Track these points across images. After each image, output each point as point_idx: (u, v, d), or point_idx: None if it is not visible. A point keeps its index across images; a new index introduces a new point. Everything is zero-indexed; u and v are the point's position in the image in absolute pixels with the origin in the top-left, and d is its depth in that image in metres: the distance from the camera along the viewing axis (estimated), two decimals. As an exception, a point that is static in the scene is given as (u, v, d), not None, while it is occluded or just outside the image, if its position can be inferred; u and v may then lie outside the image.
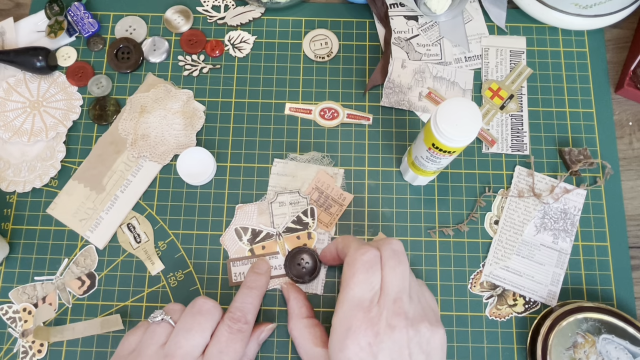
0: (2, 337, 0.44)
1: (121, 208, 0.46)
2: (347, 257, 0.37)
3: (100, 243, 0.46)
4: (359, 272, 0.36)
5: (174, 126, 0.48)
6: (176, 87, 0.50)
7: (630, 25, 0.53)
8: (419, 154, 0.41)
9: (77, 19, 0.51)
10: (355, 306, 0.35)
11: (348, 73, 0.51)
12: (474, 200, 0.48)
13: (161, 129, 0.48)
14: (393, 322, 0.34)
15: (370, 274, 0.36)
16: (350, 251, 0.37)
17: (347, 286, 0.36)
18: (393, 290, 0.35)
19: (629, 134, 0.50)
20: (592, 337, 0.42)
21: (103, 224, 0.46)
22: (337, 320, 0.35)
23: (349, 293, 0.35)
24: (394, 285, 0.35)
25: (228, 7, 0.53)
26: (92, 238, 0.46)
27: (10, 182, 0.47)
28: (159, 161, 0.48)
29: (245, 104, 0.50)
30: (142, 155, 0.48)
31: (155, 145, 0.48)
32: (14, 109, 0.49)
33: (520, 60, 0.51)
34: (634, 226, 0.47)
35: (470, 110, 0.36)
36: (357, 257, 0.36)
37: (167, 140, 0.48)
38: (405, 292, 0.36)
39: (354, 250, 0.37)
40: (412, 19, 0.52)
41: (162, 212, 0.47)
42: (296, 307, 0.42)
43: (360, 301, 0.35)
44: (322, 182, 0.47)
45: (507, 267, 0.45)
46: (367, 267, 0.36)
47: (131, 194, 0.47)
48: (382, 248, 0.37)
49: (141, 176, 0.47)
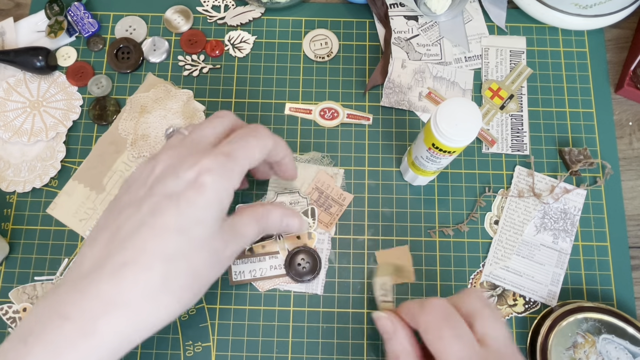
0: (2, 337, 0.44)
1: (121, 208, 0.46)
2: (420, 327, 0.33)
3: (100, 243, 0.46)
4: (444, 329, 0.31)
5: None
6: (176, 87, 0.50)
7: (630, 25, 0.53)
8: (419, 154, 0.41)
9: (77, 19, 0.51)
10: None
11: (348, 73, 0.51)
12: (474, 200, 0.48)
13: (161, 129, 0.48)
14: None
15: (455, 327, 0.31)
16: (421, 320, 0.33)
17: (443, 351, 0.31)
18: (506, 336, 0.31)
19: (629, 134, 0.50)
20: (592, 337, 0.42)
21: (103, 224, 0.46)
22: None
23: (450, 357, 0.30)
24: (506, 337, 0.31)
25: (228, 7, 0.53)
26: (92, 238, 0.46)
27: (10, 182, 0.47)
28: (159, 161, 0.48)
29: (245, 104, 0.50)
30: (142, 155, 0.48)
31: (155, 145, 0.48)
32: (14, 109, 0.49)
33: (520, 60, 0.51)
34: (634, 226, 0.47)
35: (470, 110, 0.36)
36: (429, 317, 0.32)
37: (167, 140, 0.48)
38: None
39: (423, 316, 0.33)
40: (412, 19, 0.52)
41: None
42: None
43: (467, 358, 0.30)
44: (322, 182, 0.47)
45: (507, 267, 0.45)
46: (448, 320, 0.31)
47: (131, 194, 0.47)
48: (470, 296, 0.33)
49: (141, 176, 0.47)
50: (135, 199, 0.32)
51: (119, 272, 0.30)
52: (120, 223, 0.32)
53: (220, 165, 0.32)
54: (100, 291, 0.29)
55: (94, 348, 0.29)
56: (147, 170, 0.34)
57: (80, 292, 0.30)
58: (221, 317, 0.44)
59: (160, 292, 0.30)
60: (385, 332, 0.35)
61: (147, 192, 0.32)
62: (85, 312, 0.29)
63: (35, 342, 0.29)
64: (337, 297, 0.45)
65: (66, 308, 0.29)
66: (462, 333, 0.31)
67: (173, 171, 0.32)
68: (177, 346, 0.44)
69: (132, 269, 0.30)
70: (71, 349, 0.29)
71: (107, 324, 0.29)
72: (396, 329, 0.34)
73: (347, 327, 0.44)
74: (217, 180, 0.32)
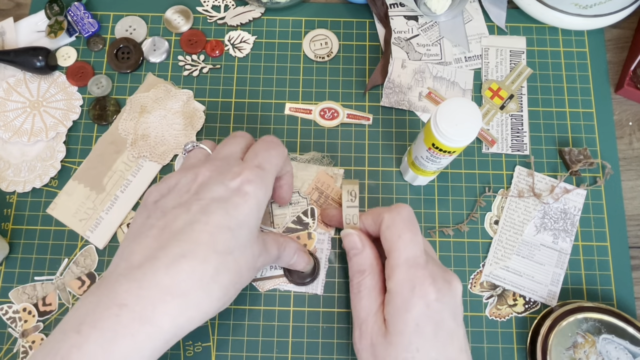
0: (2, 337, 0.44)
1: (121, 208, 0.46)
2: (384, 222, 0.37)
3: (100, 243, 0.46)
4: (404, 232, 0.36)
5: (174, 126, 0.48)
6: (176, 87, 0.50)
7: (630, 25, 0.53)
8: (419, 154, 0.41)
9: (77, 19, 0.51)
10: (413, 265, 0.35)
11: (348, 73, 0.51)
12: (474, 200, 0.48)
13: (161, 129, 0.48)
14: (446, 276, 0.36)
15: (414, 232, 0.36)
16: (385, 215, 0.37)
17: (397, 249, 0.36)
18: (431, 249, 0.37)
19: (629, 134, 0.50)
20: (592, 337, 0.42)
21: (103, 224, 0.46)
22: (396, 284, 0.35)
23: (402, 255, 0.35)
24: (428, 244, 0.38)
25: (228, 7, 0.53)
26: (92, 238, 0.46)
27: (10, 182, 0.47)
28: (159, 161, 0.48)
29: (245, 104, 0.50)
30: (142, 155, 0.48)
31: (155, 145, 0.48)
32: (14, 109, 0.49)
33: (520, 60, 0.51)
34: (634, 226, 0.47)
35: (470, 110, 0.36)
36: (395, 217, 0.37)
37: (167, 140, 0.48)
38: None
39: (388, 213, 0.37)
40: (412, 19, 0.52)
41: (162, 212, 0.47)
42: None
43: (415, 259, 0.35)
44: (322, 183, 0.47)
45: (507, 267, 0.45)
46: (409, 225, 0.36)
47: (131, 194, 0.47)
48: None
49: (141, 176, 0.47)
50: (181, 202, 0.34)
51: (176, 263, 0.31)
52: (168, 221, 0.33)
53: (257, 176, 0.35)
54: (158, 280, 0.30)
55: (150, 336, 0.30)
56: (186, 179, 0.36)
57: (137, 282, 0.30)
58: (221, 317, 0.44)
59: (214, 283, 0.32)
60: (353, 248, 0.39)
61: (193, 197, 0.34)
62: (143, 299, 0.30)
63: (91, 331, 0.29)
64: (337, 297, 0.45)
65: (123, 296, 0.30)
66: (418, 240, 0.36)
67: (218, 180, 0.35)
68: (177, 346, 0.44)
69: (189, 260, 0.31)
70: (129, 336, 0.29)
71: (164, 313, 0.30)
72: (364, 245, 0.39)
73: (347, 327, 0.44)
74: (257, 189, 0.35)
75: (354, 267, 0.39)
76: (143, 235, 0.33)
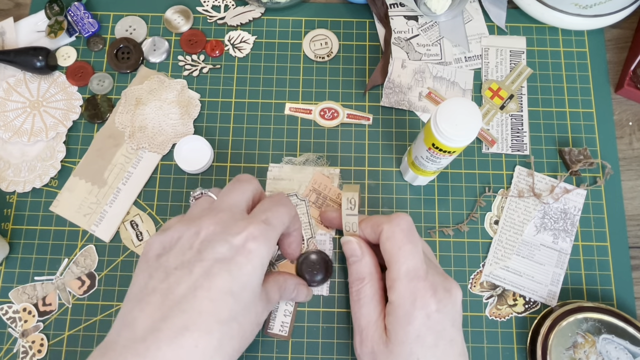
0: (2, 337, 0.44)
1: (124, 200, 0.47)
2: (383, 233, 0.37)
3: (106, 236, 0.46)
4: (404, 244, 0.36)
5: (171, 116, 0.49)
6: (169, 77, 0.50)
7: (630, 25, 0.53)
8: (419, 154, 0.41)
9: (77, 19, 0.51)
10: (414, 277, 0.35)
11: (348, 73, 0.51)
12: (474, 200, 0.48)
13: (158, 120, 0.48)
14: (447, 284, 0.36)
15: (414, 243, 0.36)
16: (385, 227, 0.37)
17: (397, 261, 0.36)
18: (431, 254, 0.37)
19: (629, 134, 0.50)
20: (592, 337, 0.42)
21: (107, 217, 0.46)
22: (397, 297, 0.35)
23: (402, 267, 0.35)
24: (428, 249, 0.38)
25: (228, 7, 0.53)
26: (98, 232, 0.46)
27: (10, 182, 0.47)
28: (158, 151, 0.48)
29: (245, 104, 0.50)
30: (141, 147, 0.48)
31: (153, 135, 0.48)
32: (14, 109, 0.49)
33: (520, 60, 0.51)
34: (634, 226, 0.47)
35: (470, 110, 0.36)
36: (395, 228, 0.36)
37: (165, 130, 0.48)
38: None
39: (388, 225, 0.37)
40: (412, 19, 0.52)
41: (163, 212, 0.47)
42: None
43: (415, 271, 0.35)
44: (319, 184, 0.47)
45: (507, 267, 0.45)
46: (409, 236, 0.36)
47: (133, 185, 0.47)
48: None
49: (142, 167, 0.48)
50: (183, 262, 0.33)
51: (179, 336, 0.30)
52: (171, 285, 0.32)
53: (262, 232, 0.34)
54: (161, 356, 0.30)
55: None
56: (189, 234, 0.34)
57: (140, 357, 0.30)
58: (221, 317, 0.44)
59: (216, 355, 0.31)
60: (353, 255, 0.39)
61: (195, 256, 0.33)
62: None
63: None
64: (337, 297, 0.45)
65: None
66: (418, 251, 0.36)
67: (222, 237, 0.33)
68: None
69: (193, 333, 0.30)
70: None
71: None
72: (364, 253, 0.39)
73: (347, 327, 0.44)
74: (261, 246, 0.34)
75: (354, 274, 0.39)
76: (145, 301, 0.32)
